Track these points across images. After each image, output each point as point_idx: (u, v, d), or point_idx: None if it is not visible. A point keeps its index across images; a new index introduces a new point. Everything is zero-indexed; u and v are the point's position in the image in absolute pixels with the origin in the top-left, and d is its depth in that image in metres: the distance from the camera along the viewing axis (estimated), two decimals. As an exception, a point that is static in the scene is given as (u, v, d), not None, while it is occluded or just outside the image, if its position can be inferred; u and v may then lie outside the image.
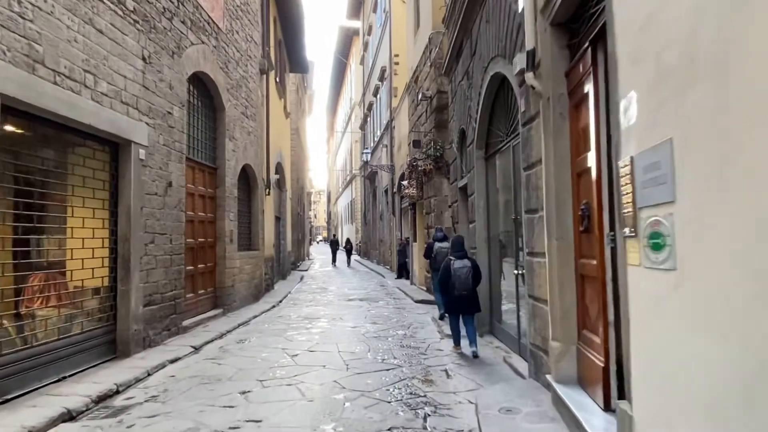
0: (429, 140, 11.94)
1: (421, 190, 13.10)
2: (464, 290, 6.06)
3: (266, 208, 13.17)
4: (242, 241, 11.11)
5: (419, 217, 14.36)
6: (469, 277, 6.08)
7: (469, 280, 6.06)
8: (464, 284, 6.08)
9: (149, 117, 6.75)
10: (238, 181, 10.64)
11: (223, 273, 9.56)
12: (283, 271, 18.31)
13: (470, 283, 6.08)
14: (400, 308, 10.71)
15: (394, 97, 19.40)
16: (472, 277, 6.10)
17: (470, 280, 6.07)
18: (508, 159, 6.14)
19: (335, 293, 13.81)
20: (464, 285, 6.08)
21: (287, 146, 19.61)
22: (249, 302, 10.99)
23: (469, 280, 6.07)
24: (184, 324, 7.78)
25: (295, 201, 23.76)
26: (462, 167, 8.92)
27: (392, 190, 19.75)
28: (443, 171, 11.59)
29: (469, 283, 6.07)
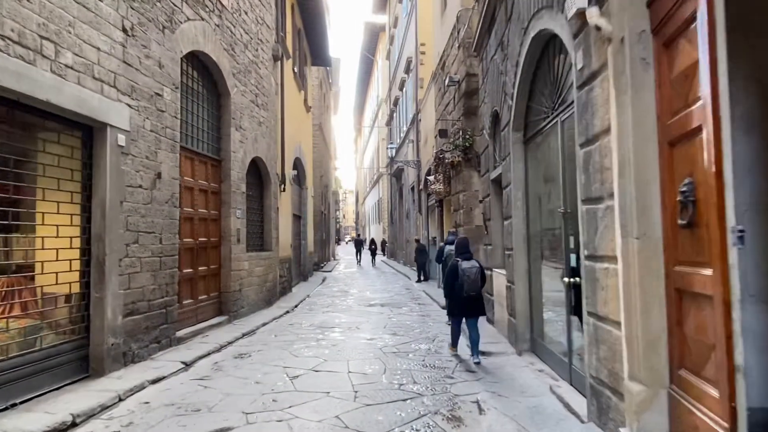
0: (457, 129, 10.80)
1: (449, 186, 11.96)
2: (473, 291, 5.98)
3: (281, 205, 12.27)
4: (253, 241, 10.21)
5: (447, 215, 13.22)
6: (478, 278, 6.00)
7: (478, 281, 6.00)
8: (473, 285, 5.98)
9: (131, 98, 5.85)
10: (246, 175, 9.73)
11: (229, 276, 8.66)
12: (304, 273, 17.43)
13: (479, 285, 6.01)
14: (424, 315, 9.61)
15: (420, 89, 18.33)
16: (481, 279, 6.05)
17: (479, 282, 6.01)
18: (553, 138, 4.99)
19: (356, 297, 12.80)
20: (473, 286, 5.98)
21: (308, 142, 18.74)
22: (260, 307, 10.08)
23: (478, 282, 6.00)
24: (178, 335, 6.87)
25: (318, 199, 22.90)
26: (495, 155, 7.77)
27: (418, 187, 18.65)
28: (473, 163, 10.43)
29: (478, 284, 6.00)
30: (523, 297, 6.01)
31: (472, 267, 6.04)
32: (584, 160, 3.52)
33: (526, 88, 5.66)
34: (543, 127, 5.31)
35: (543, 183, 5.76)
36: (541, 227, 5.79)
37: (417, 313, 10.04)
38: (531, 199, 5.97)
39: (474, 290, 5.99)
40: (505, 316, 6.83)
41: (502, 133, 6.75)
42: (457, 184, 11.15)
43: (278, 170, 11.78)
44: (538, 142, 5.69)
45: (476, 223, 10.44)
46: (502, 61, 6.61)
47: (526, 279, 6.01)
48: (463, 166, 10.57)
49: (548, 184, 5.53)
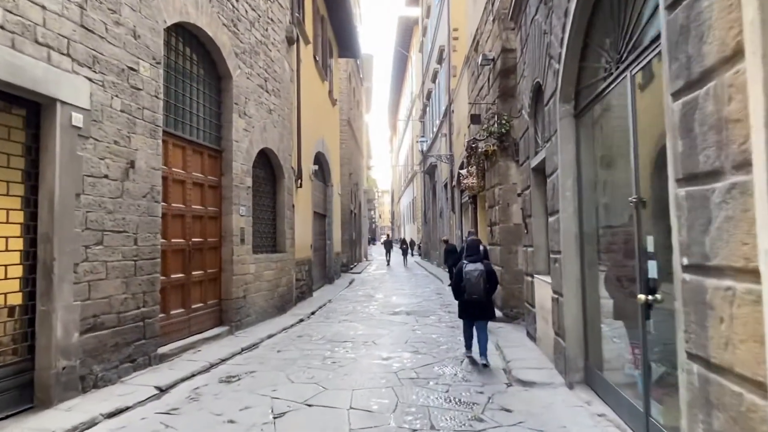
0: (491, 114, 9.49)
1: (483, 179, 10.66)
2: (475, 294, 5.83)
3: (298, 202, 11.25)
4: (262, 242, 9.21)
5: (481, 212, 11.91)
6: (480, 281, 5.82)
7: (480, 284, 5.82)
8: (475, 288, 5.83)
9: (94, 70, 4.88)
10: (254, 168, 8.73)
11: (230, 281, 7.65)
12: (329, 275, 16.42)
13: (481, 287, 5.83)
14: (454, 327, 8.36)
15: (452, 77, 17.06)
16: (484, 282, 5.84)
17: (481, 284, 5.83)
18: (619, 102, 3.70)
19: (380, 303, 11.65)
20: (475, 289, 5.83)
21: (334, 137, 17.72)
22: (270, 315, 9.06)
23: (480, 284, 5.83)
24: (161, 351, 5.89)
25: (346, 197, 21.90)
26: (537, 138, 6.47)
27: (451, 183, 17.36)
28: (510, 152, 9.12)
29: (480, 287, 5.83)
30: (574, 313, 4.70)
31: (474, 270, 5.87)
32: (684, 114, 2.24)
33: (579, 42, 4.37)
34: (603, 92, 4.01)
35: (601, 166, 4.46)
36: (598, 224, 4.48)
37: (446, 323, 8.80)
38: (585, 189, 4.67)
39: (476, 293, 5.82)
40: (551, 333, 5.53)
41: (546, 108, 5.45)
42: (492, 177, 9.84)
43: (293, 164, 10.76)
44: (594, 113, 4.39)
45: (514, 221, 9.13)
46: (545, 18, 5.32)
47: (578, 290, 4.70)
48: (499, 156, 9.26)
49: (610, 168, 4.23)
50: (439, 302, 11.54)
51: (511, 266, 9.12)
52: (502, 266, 9.17)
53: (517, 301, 9.05)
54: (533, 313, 6.73)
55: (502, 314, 9.13)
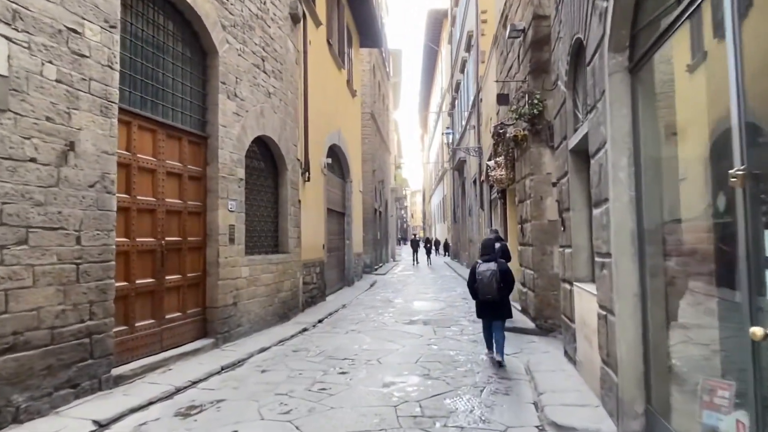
0: (521, 94, 8.21)
1: (512, 170, 9.37)
2: (488, 294, 5.77)
3: (306, 197, 10.22)
4: (260, 241, 8.20)
5: (511, 209, 10.62)
6: (493, 281, 5.75)
7: (492, 284, 5.75)
8: (487, 288, 5.77)
9: (14, 27, 3.92)
10: (248, 158, 7.74)
11: (216, 286, 6.65)
12: (347, 277, 15.38)
13: (494, 287, 5.75)
14: (477, 342, 7.15)
15: (480, 63, 15.77)
16: (497, 281, 5.75)
17: (494, 284, 5.75)
18: (706, 40, 2.46)
19: (398, 309, 10.50)
20: (487, 289, 5.77)
21: (354, 130, 16.66)
22: (269, 324, 8.04)
23: (493, 284, 5.75)
24: (118, 372, 4.92)
25: (370, 195, 20.84)
26: (576, 111, 5.21)
27: (479, 178, 16.05)
28: (543, 136, 7.83)
29: (493, 287, 5.75)
30: (631, 339, 3.45)
31: (486, 270, 5.80)
32: None
33: (638, -38, 3.12)
34: (674, 25, 2.76)
35: (669, 139, 3.20)
36: (665, 216, 3.23)
37: (468, 336, 7.58)
38: (645, 169, 3.41)
39: (489, 293, 5.75)
40: (596, 360, 4.28)
41: (589, 68, 4.19)
42: (522, 167, 8.56)
43: (300, 155, 9.73)
44: (659, 63, 3.13)
45: (548, 218, 7.84)
46: (588, -51, 4.07)
47: (636, 307, 3.45)
48: (530, 142, 7.97)
49: (685, 138, 2.98)
50: (464, 309, 10.31)
51: (546, 270, 7.83)
52: (535, 270, 7.89)
53: (552, 311, 7.76)
54: (572, 330, 5.47)
55: (534, 326, 7.86)
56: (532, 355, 6.28)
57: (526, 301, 8.51)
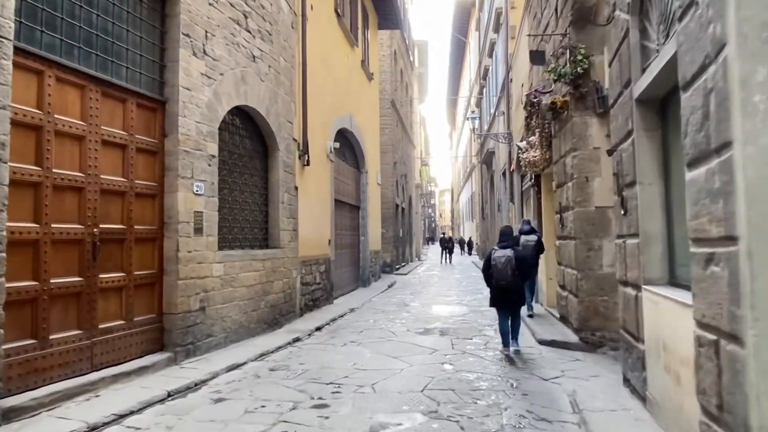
0: (561, 50, 6.63)
1: (548, 149, 7.78)
2: (502, 280, 5.78)
3: (307, 184, 8.85)
4: (242, 234, 6.86)
5: (546, 197, 9.01)
6: (507, 267, 5.74)
7: (507, 270, 5.74)
8: (502, 274, 5.76)
9: None
10: (225, 132, 6.42)
11: (175, 287, 5.32)
12: (363, 277, 13.97)
13: (509, 274, 5.74)
14: (504, 361, 5.63)
15: (510, 40, 14.16)
16: (512, 268, 5.73)
17: (509, 271, 5.74)
18: None
19: (413, 314, 9.02)
20: (502, 275, 5.77)
21: (370, 115, 15.24)
22: (254, 332, 6.69)
23: (507, 271, 5.74)
24: (10, 404, 3.62)
25: (390, 189, 19.39)
26: (647, 40, 3.65)
27: (509, 167, 14.43)
28: (589, 101, 6.25)
29: (508, 273, 5.74)
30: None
31: (502, 256, 5.82)
32: None
33: None
34: None
35: None
36: None
37: (494, 351, 6.07)
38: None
39: (503, 279, 5.77)
40: (688, 405, 2.74)
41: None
42: (562, 143, 6.97)
43: (297, 135, 8.36)
44: None
45: (596, 203, 6.26)
46: None
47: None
48: (573, 109, 6.40)
49: None
50: (490, 315, 8.74)
51: (593, 269, 6.24)
52: (579, 269, 6.31)
53: (602, 321, 6.18)
54: (638, 352, 3.91)
55: (578, 339, 6.29)
56: (579, 381, 4.74)
57: (567, 308, 6.92)
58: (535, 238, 7.98)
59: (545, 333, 6.80)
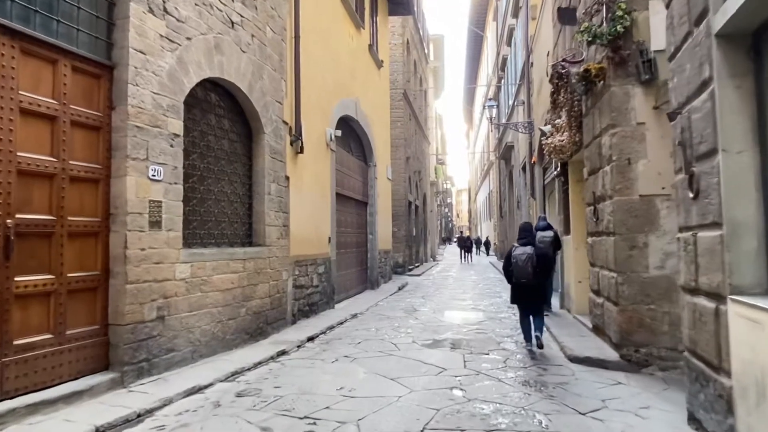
0: (597, 6, 5.50)
1: (578, 131, 6.65)
2: (523, 278, 5.70)
3: (301, 175, 7.85)
4: (217, 228, 5.88)
5: (573, 187, 7.87)
6: (528, 265, 5.64)
7: (528, 267, 5.65)
8: (522, 271, 5.66)
9: None
10: (195, 108, 5.46)
11: (123, 293, 4.35)
12: (371, 278, 12.95)
13: (529, 271, 5.64)
14: (531, 386, 4.54)
15: (531, 20, 13.02)
16: (532, 265, 5.62)
17: (529, 268, 5.64)
18: None
19: (422, 321, 7.95)
20: (523, 272, 5.66)
21: (379, 105, 14.20)
22: (231, 345, 5.71)
23: (528, 268, 5.64)
24: None
25: (402, 185, 18.34)
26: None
27: (530, 160, 13.29)
28: (631, 67, 5.13)
29: (529, 271, 5.64)
30: None
31: (522, 253, 5.72)
32: None
33: None
34: None
35: None
36: None
37: (516, 371, 4.97)
38: None
39: (524, 277, 5.68)
40: None
41: None
42: (596, 121, 5.83)
43: (288, 117, 7.37)
44: None
45: (640, 191, 5.15)
46: None
47: None
48: (611, 77, 5.28)
49: None
50: (510, 323, 7.66)
51: (637, 271, 5.13)
52: (618, 272, 5.19)
53: (647, 334, 5.07)
54: (721, 387, 2.80)
55: (618, 356, 5.17)
56: (627, 416, 3.66)
57: (603, 318, 5.79)
58: (552, 234, 7.73)
59: (577, 347, 5.68)
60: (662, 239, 5.09)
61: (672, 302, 5.04)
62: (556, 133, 7.53)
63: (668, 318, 5.07)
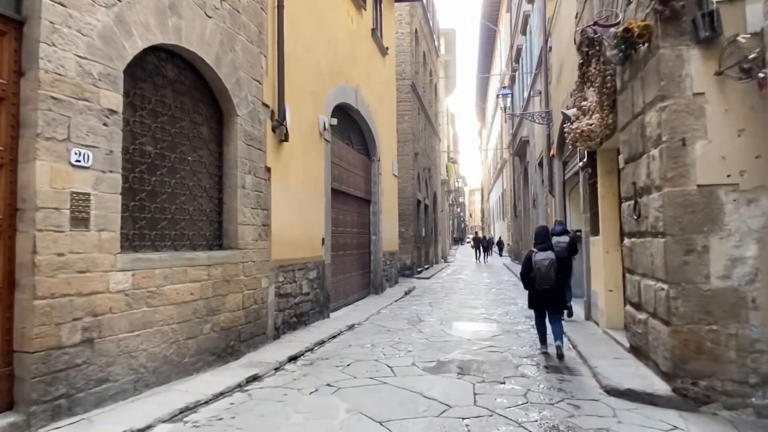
0: (640, -52, 4.40)
1: (611, 111, 5.52)
2: (546, 284, 5.47)
3: (286, 166, 6.85)
4: (175, 228, 4.87)
5: (603, 180, 6.75)
6: (551, 270, 5.43)
7: (551, 274, 5.43)
8: (546, 278, 5.44)
9: None
10: (143, 81, 4.46)
11: (30, 311, 3.37)
12: (375, 283, 11.92)
13: (553, 277, 5.44)
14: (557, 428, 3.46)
15: (548, 1, 11.91)
16: (555, 271, 5.43)
17: (552, 274, 5.43)
18: None
19: (426, 334, 6.88)
20: (546, 279, 5.44)
21: (384, 95, 13.15)
22: (192, 369, 4.72)
23: (551, 274, 5.43)
24: None
25: (410, 182, 17.28)
26: None
27: (548, 154, 12.16)
28: (685, 24, 4.03)
29: (552, 276, 5.44)
30: None
31: (545, 258, 5.49)
32: None
33: None
34: None
35: None
36: None
37: (538, 411, 3.89)
38: None
39: (547, 284, 5.46)
40: None
41: None
42: (638, 95, 4.71)
43: (270, 100, 6.35)
44: None
45: (699, 180, 4.09)
46: None
47: None
48: (659, 37, 4.18)
49: None
50: (529, 338, 6.58)
51: (694, 281, 4.03)
52: (671, 282, 4.10)
53: (709, 362, 3.97)
54: None
55: (669, 389, 4.08)
56: None
57: (646, 339, 4.69)
58: (567, 239, 7.37)
59: (615, 375, 4.58)
60: (727, 241, 3.98)
61: (741, 322, 3.95)
62: (583, 117, 6.44)
63: (736, 342, 3.97)
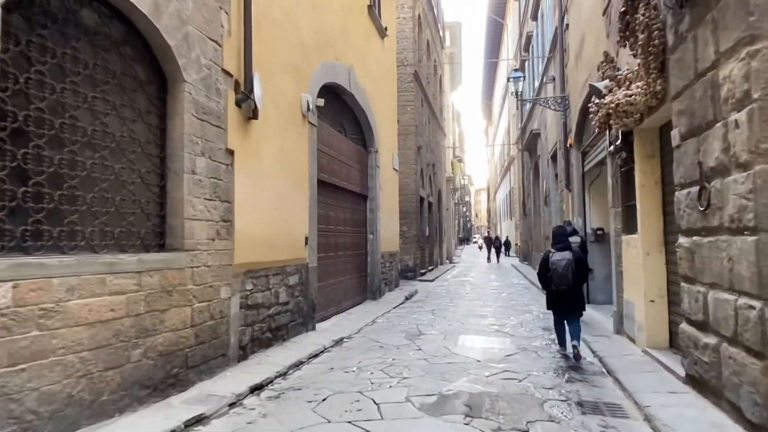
0: None
1: (660, 74, 4.30)
2: (563, 285, 5.40)
3: (256, 150, 5.68)
4: (96, 224, 3.69)
5: (642, 167, 5.52)
6: (569, 271, 5.37)
7: (568, 274, 5.37)
8: (563, 279, 5.40)
9: None
10: (52, 30, 3.30)
11: None
12: (372, 287, 10.74)
13: (570, 278, 5.38)
14: None
15: (565, -26, 10.69)
16: (572, 272, 5.37)
17: (569, 275, 5.37)
18: None
19: (425, 355, 5.68)
20: (563, 280, 5.39)
21: (381, 80, 11.94)
22: (116, 409, 3.56)
23: (569, 275, 5.37)
24: None
25: (412, 178, 16.09)
26: None
27: (564, 144, 10.93)
28: None
29: (569, 277, 5.37)
30: None
31: (561, 259, 5.44)
32: None
33: None
34: None
35: None
36: None
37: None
38: None
39: (564, 284, 5.38)
40: None
41: None
42: (704, 45, 3.49)
43: (234, 67, 5.17)
44: None
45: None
46: None
47: None
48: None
49: None
50: (551, 359, 5.38)
51: (806, 299, 2.80)
52: (764, 295, 2.87)
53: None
54: None
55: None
56: None
57: (719, 372, 3.47)
58: (578, 240, 7.17)
59: (677, 423, 3.36)
60: None
61: None
62: (618, 89, 5.24)
63: None
